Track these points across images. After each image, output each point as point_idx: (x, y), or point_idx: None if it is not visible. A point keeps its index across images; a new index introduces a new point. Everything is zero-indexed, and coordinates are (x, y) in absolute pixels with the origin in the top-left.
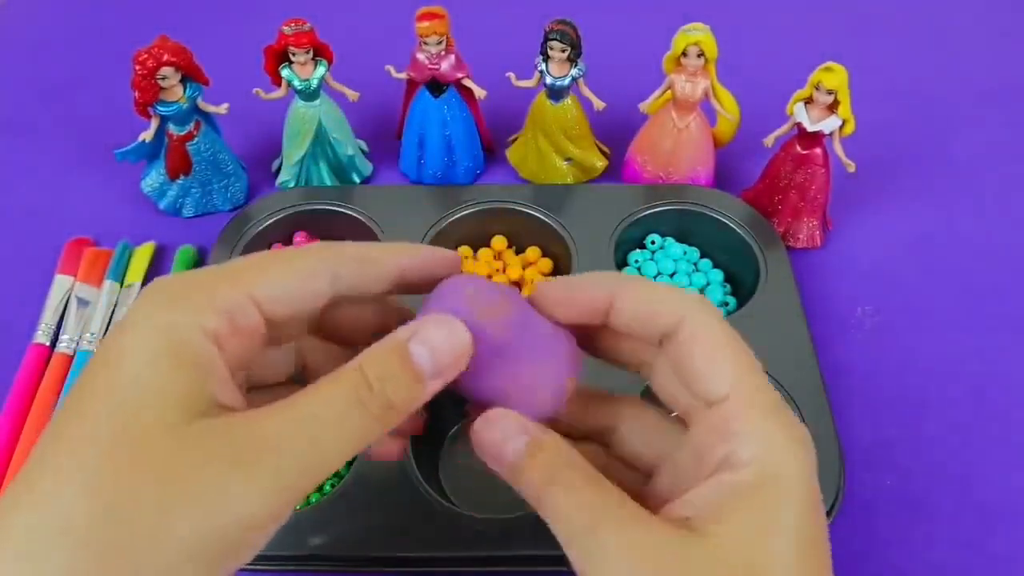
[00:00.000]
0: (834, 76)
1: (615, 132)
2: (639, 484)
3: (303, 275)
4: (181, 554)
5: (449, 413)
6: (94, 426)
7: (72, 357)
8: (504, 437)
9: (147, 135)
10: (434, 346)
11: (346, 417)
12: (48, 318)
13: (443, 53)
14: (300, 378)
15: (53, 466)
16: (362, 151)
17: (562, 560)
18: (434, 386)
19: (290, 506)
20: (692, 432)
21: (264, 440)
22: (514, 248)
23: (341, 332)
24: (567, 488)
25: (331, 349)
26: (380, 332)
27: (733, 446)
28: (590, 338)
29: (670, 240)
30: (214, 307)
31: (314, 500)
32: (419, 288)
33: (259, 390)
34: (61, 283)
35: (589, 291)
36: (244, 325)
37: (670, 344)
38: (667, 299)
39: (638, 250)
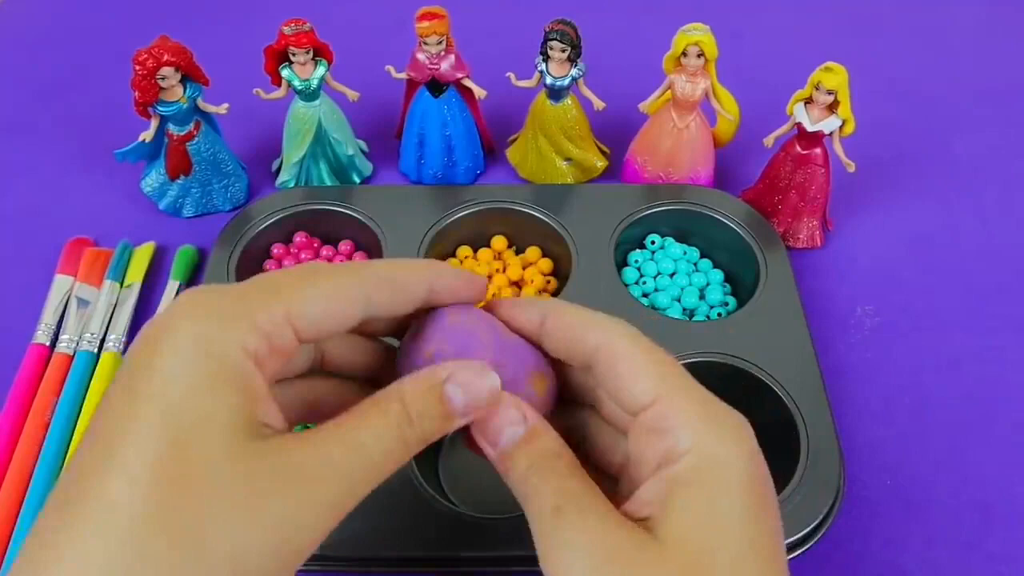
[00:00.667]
0: (834, 76)
1: (615, 132)
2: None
3: (339, 299)
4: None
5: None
6: (147, 455)
7: (72, 357)
8: (505, 422)
9: (147, 135)
10: (468, 390)
11: (391, 447)
12: (48, 318)
13: (443, 53)
14: (318, 368)
15: (106, 493)
16: (362, 151)
17: None
18: (462, 422)
19: (337, 523)
20: (630, 440)
21: (323, 463)
22: (514, 248)
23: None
24: (546, 472)
25: (353, 339)
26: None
27: (668, 442)
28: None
29: (670, 240)
30: (255, 327)
31: None
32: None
33: (280, 384)
34: (61, 283)
35: (526, 313)
36: (280, 345)
37: (597, 367)
38: (589, 323)
39: (638, 250)
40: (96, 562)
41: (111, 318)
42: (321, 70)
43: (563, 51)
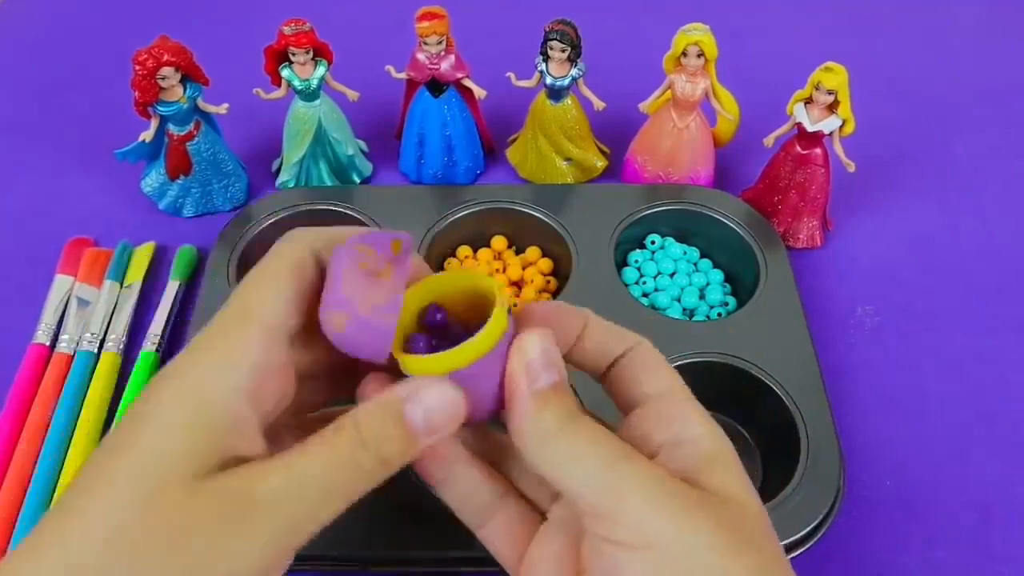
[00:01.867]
0: (834, 76)
1: (615, 132)
2: None
3: (296, 281)
4: None
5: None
6: (117, 483)
7: (72, 357)
8: (542, 363)
9: (147, 135)
10: (429, 407)
11: (339, 475)
12: (48, 318)
13: (443, 53)
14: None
15: (83, 510)
16: (362, 151)
17: None
18: (428, 442)
19: (282, 560)
20: (631, 422)
21: (259, 500)
22: (514, 248)
23: None
24: (587, 427)
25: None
26: None
27: (679, 427)
28: None
29: (670, 240)
30: (246, 365)
31: None
32: None
33: (310, 380)
34: (61, 283)
35: (570, 316)
36: (277, 363)
37: (623, 365)
38: (624, 333)
39: (638, 250)
40: None
41: (111, 318)
42: (321, 70)
43: (563, 51)
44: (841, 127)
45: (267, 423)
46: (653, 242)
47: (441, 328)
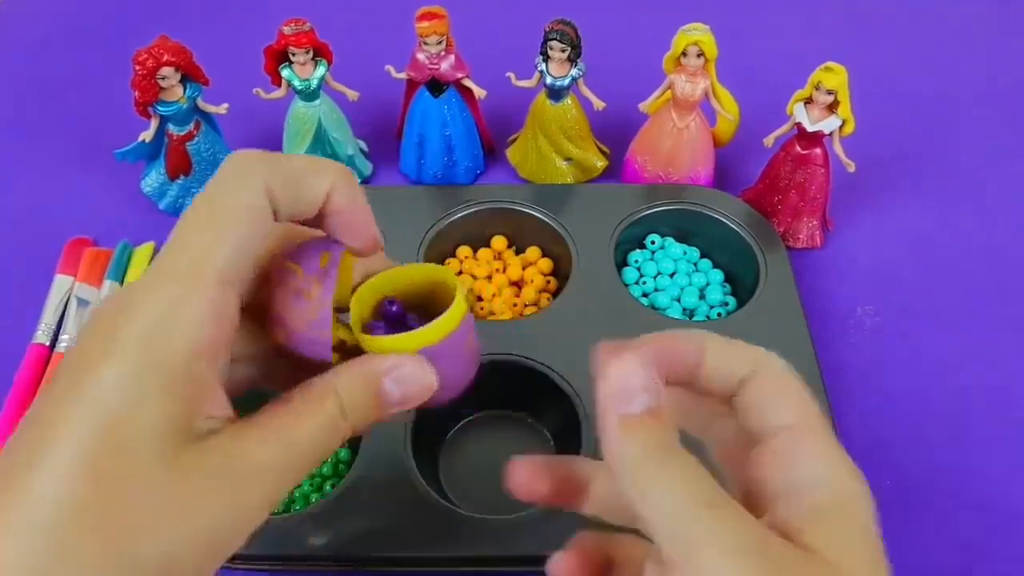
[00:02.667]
0: (834, 76)
1: (615, 132)
2: None
3: (251, 228)
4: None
5: (448, 414)
6: (79, 454)
7: None
8: (637, 385)
9: (147, 135)
10: (406, 385)
11: (323, 443)
12: (48, 318)
13: (443, 53)
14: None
15: (33, 486)
16: (362, 151)
17: None
18: (392, 412)
19: (259, 524)
20: (750, 463)
21: (255, 466)
22: (514, 248)
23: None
24: (685, 461)
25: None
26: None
27: (796, 470)
28: None
29: (670, 240)
30: (196, 319)
31: (314, 500)
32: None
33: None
34: (61, 283)
35: (684, 341)
36: (228, 314)
37: (745, 392)
38: (747, 350)
39: (638, 250)
40: (14, 559)
41: None
42: (321, 70)
43: (563, 51)
44: (841, 127)
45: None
46: (653, 242)
47: (397, 318)
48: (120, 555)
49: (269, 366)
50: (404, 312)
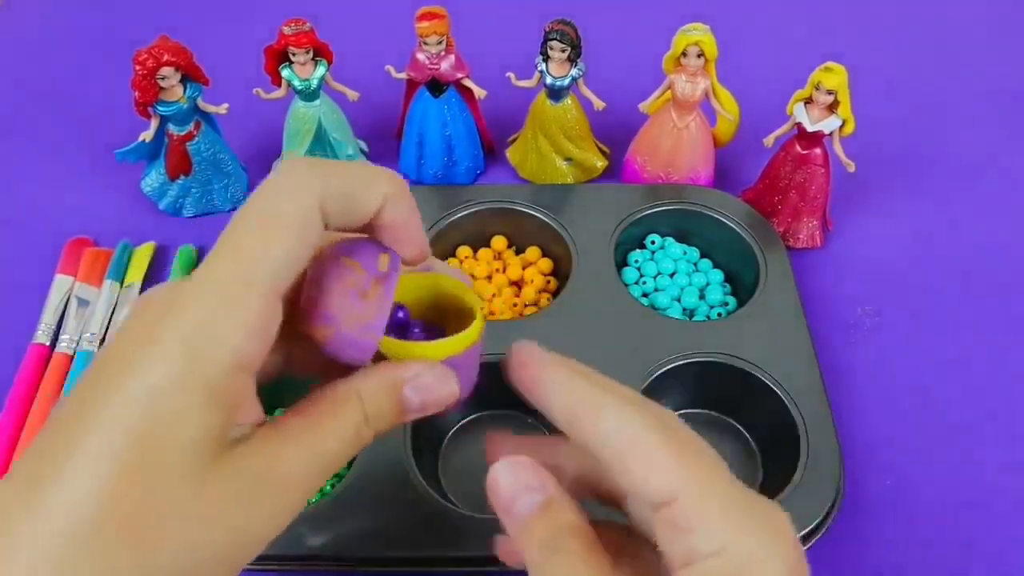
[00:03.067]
0: (834, 76)
1: (615, 132)
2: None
3: (303, 241)
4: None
5: (449, 414)
6: (113, 455)
7: (72, 357)
8: (520, 487)
9: (147, 135)
10: (427, 394)
11: (347, 449)
12: (48, 318)
13: (443, 53)
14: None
15: (66, 482)
16: (362, 151)
17: None
18: (409, 419)
19: (284, 527)
20: (656, 529)
21: (282, 475)
22: (514, 248)
23: None
24: (563, 554)
25: None
26: None
27: (693, 541)
28: None
29: (670, 240)
30: (252, 331)
31: (314, 500)
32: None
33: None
34: (61, 283)
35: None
36: (272, 326)
37: (605, 455)
38: (599, 401)
39: (638, 250)
40: (34, 567)
41: (111, 318)
42: (321, 70)
43: (563, 51)
44: (841, 127)
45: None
46: (653, 242)
47: (402, 325)
48: (145, 566)
49: (292, 353)
50: (409, 320)
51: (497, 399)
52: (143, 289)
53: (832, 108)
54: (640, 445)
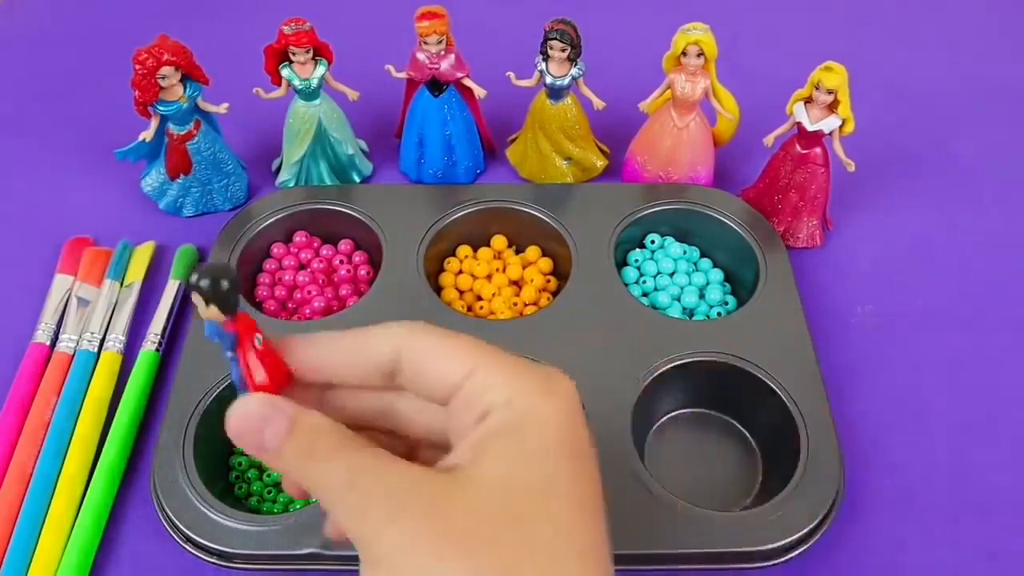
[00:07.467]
0: (834, 76)
1: (615, 132)
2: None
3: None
4: None
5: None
6: None
7: (72, 357)
8: (262, 422)
9: (147, 135)
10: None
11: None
12: (48, 317)
13: (443, 53)
14: None
15: None
16: (362, 151)
17: None
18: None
19: None
20: (450, 428)
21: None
22: (514, 248)
23: None
24: (324, 454)
25: None
26: None
27: (484, 403)
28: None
29: (670, 240)
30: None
31: (314, 500)
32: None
33: None
34: (61, 283)
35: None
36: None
37: (402, 373)
38: (373, 333)
39: (638, 250)
40: None
41: (111, 318)
42: (321, 69)
43: (563, 51)
44: (841, 127)
45: None
46: (653, 242)
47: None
48: None
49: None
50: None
51: None
52: (143, 289)
53: (832, 108)
54: (434, 344)
